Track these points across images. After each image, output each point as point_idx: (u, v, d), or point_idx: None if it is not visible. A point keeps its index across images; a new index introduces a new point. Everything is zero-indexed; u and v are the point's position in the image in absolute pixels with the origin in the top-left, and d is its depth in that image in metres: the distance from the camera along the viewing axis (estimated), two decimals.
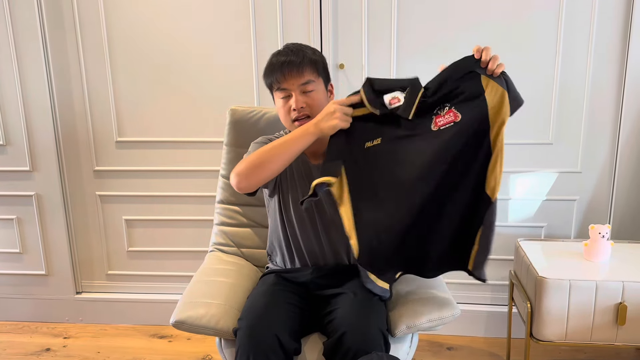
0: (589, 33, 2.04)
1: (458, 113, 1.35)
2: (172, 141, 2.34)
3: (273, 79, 1.48)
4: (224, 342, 1.50)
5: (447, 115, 1.35)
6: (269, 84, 1.52)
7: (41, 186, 2.42)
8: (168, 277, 2.52)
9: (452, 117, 1.35)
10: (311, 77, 1.47)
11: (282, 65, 1.46)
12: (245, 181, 1.41)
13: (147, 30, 2.23)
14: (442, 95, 1.35)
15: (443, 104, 1.36)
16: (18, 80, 2.29)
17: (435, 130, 1.36)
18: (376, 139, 1.38)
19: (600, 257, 1.87)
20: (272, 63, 1.49)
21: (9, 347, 2.38)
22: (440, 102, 1.36)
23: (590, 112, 2.11)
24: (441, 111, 1.36)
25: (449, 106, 1.35)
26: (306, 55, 1.48)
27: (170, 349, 2.34)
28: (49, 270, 2.53)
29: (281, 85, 1.47)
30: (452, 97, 1.35)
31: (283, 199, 1.58)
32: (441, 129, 1.35)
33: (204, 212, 2.38)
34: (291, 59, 1.46)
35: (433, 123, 1.36)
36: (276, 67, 1.47)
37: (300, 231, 1.58)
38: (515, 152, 2.17)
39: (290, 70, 1.45)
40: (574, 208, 2.21)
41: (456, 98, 1.35)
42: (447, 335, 2.37)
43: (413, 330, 1.43)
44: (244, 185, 1.42)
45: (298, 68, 1.45)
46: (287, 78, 1.45)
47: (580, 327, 1.74)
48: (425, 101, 1.35)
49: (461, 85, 1.34)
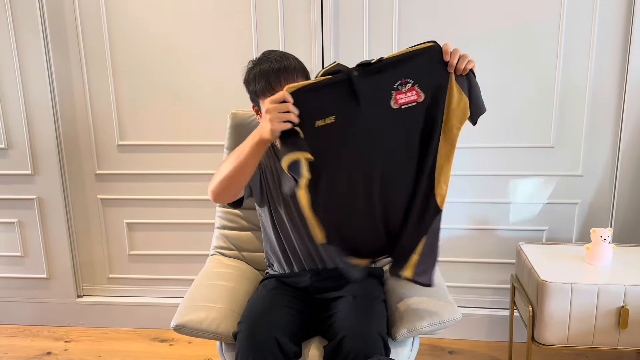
0: (590, 37, 2.04)
1: (421, 93, 1.28)
2: (174, 145, 2.34)
3: (266, 85, 1.45)
4: (224, 345, 1.50)
5: (409, 93, 1.27)
6: (259, 90, 1.48)
7: (43, 190, 2.42)
8: (169, 281, 2.52)
9: (414, 95, 1.27)
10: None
11: (277, 71, 1.44)
12: (219, 197, 1.43)
13: (149, 35, 2.23)
14: (401, 66, 1.27)
15: (406, 78, 1.27)
16: (20, 84, 2.29)
17: (395, 108, 1.28)
18: (329, 117, 1.28)
19: (601, 261, 1.86)
20: (262, 70, 1.46)
21: (10, 351, 2.38)
22: (400, 75, 1.27)
23: (591, 116, 2.11)
24: (402, 87, 1.27)
25: (412, 83, 1.27)
26: (296, 61, 1.48)
27: (171, 353, 2.34)
28: (50, 273, 2.53)
29: (275, 91, 1.43)
30: (415, 75, 1.27)
31: (274, 207, 1.58)
32: (402, 107, 1.28)
33: (205, 215, 2.38)
34: (285, 64, 1.45)
35: (393, 99, 1.28)
36: (270, 73, 1.44)
37: (295, 236, 1.58)
38: (516, 156, 2.17)
39: (287, 76, 1.44)
40: (575, 211, 2.21)
41: (420, 77, 1.27)
42: (449, 339, 2.36)
43: (414, 333, 1.43)
44: (220, 200, 1.45)
45: (293, 74, 1.45)
46: (283, 84, 1.43)
47: (582, 331, 1.74)
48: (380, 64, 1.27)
49: (426, 67, 1.28)
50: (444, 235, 2.29)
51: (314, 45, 2.15)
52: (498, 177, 2.21)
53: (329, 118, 1.28)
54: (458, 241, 2.29)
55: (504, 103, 2.13)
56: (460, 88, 1.30)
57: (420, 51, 1.29)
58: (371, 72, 1.27)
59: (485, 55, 2.09)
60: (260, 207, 1.63)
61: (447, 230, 2.28)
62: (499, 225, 2.26)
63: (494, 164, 2.19)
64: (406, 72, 1.27)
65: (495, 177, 2.21)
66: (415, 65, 1.28)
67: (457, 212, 2.26)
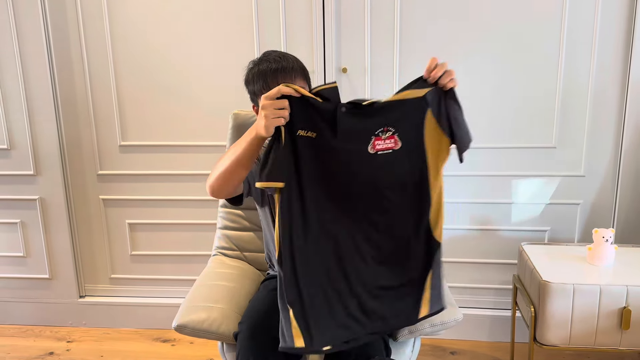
0: (592, 38, 2.04)
1: (399, 141, 1.27)
2: (175, 145, 2.34)
3: (263, 85, 1.45)
4: (226, 346, 1.50)
5: (387, 141, 1.26)
6: (256, 90, 1.48)
7: (45, 190, 2.42)
8: (171, 281, 2.52)
9: (392, 143, 1.27)
10: (302, 84, 1.47)
11: (275, 72, 1.44)
12: (217, 193, 1.42)
13: (151, 36, 2.24)
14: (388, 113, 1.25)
15: (388, 126, 1.26)
16: (22, 85, 2.30)
17: (372, 153, 1.26)
18: (311, 131, 1.25)
19: (604, 261, 1.86)
20: (260, 70, 1.46)
21: (12, 351, 2.38)
22: (384, 121, 1.25)
23: (593, 116, 2.11)
24: (383, 134, 1.26)
25: (392, 131, 1.26)
26: (295, 62, 1.47)
27: (173, 353, 2.34)
28: (53, 274, 2.54)
29: None
30: (398, 123, 1.26)
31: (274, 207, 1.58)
32: (378, 153, 1.27)
33: (207, 216, 2.38)
34: (283, 65, 1.44)
35: (371, 144, 1.26)
36: (268, 73, 1.44)
37: None
38: (518, 156, 2.17)
39: (284, 76, 1.44)
40: (577, 212, 2.20)
41: (402, 125, 1.27)
42: (451, 339, 2.36)
43: (415, 334, 1.43)
44: (218, 195, 1.43)
45: (291, 74, 1.45)
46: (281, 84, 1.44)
47: (584, 332, 1.73)
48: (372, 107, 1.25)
49: (411, 114, 1.27)
50: (445, 235, 2.28)
51: (316, 46, 2.15)
52: (500, 177, 2.20)
53: (311, 132, 1.26)
54: (460, 241, 2.29)
55: (505, 103, 2.12)
56: (440, 128, 1.29)
57: (411, 100, 1.27)
58: (358, 114, 1.26)
59: (487, 55, 2.09)
60: (261, 207, 1.63)
61: (449, 230, 2.28)
62: (501, 225, 2.26)
63: (495, 164, 2.19)
64: (392, 120, 1.26)
65: (497, 177, 2.20)
66: (401, 112, 1.27)
67: (459, 212, 2.26)
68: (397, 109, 1.26)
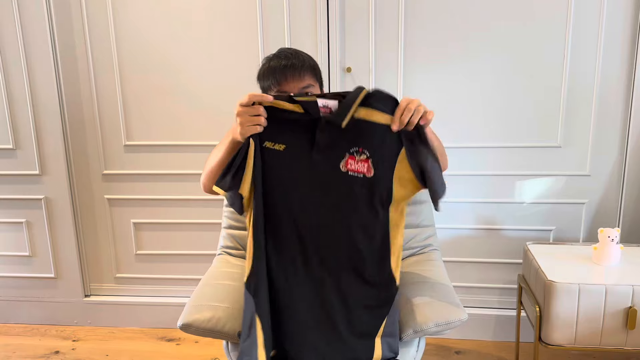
0: (597, 36, 2.03)
1: (372, 169, 1.26)
2: (180, 145, 2.35)
3: (273, 81, 1.46)
4: (230, 345, 1.50)
5: (360, 164, 1.26)
6: (266, 87, 1.50)
7: (50, 190, 2.43)
8: (176, 280, 2.53)
9: (364, 168, 1.26)
10: (311, 82, 1.47)
11: (284, 68, 1.44)
12: (209, 190, 1.45)
13: (155, 36, 2.24)
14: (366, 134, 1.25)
15: (364, 148, 1.26)
16: (28, 85, 2.31)
17: (343, 171, 1.27)
18: (279, 144, 1.27)
19: (609, 261, 1.85)
20: (271, 66, 1.47)
21: (18, 350, 2.39)
22: (361, 143, 1.26)
23: (598, 115, 2.10)
24: (357, 155, 1.26)
25: (367, 155, 1.26)
26: (306, 60, 1.48)
27: (178, 352, 2.34)
28: (58, 273, 2.54)
29: (281, 88, 1.45)
30: (374, 150, 1.26)
31: None
32: (349, 174, 1.27)
33: (212, 215, 2.39)
34: (293, 62, 1.45)
35: (344, 162, 1.27)
36: (277, 70, 1.45)
37: None
38: (523, 156, 2.16)
39: (293, 73, 1.44)
40: (582, 211, 2.20)
41: (377, 154, 1.26)
42: (455, 339, 2.36)
43: (420, 334, 1.42)
44: (211, 193, 1.47)
45: (300, 72, 1.45)
46: (289, 81, 1.44)
47: (589, 332, 1.73)
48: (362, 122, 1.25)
49: (387, 145, 1.26)
50: (450, 235, 2.28)
51: (320, 46, 2.15)
52: (505, 176, 2.20)
53: (279, 145, 1.28)
54: (465, 241, 2.29)
55: (510, 102, 2.12)
56: (413, 172, 1.28)
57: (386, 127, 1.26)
58: (336, 130, 1.26)
59: (492, 54, 2.09)
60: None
61: (454, 230, 2.28)
62: (506, 225, 2.25)
63: (500, 163, 2.18)
64: (368, 144, 1.27)
65: (502, 176, 2.20)
66: (379, 139, 1.26)
67: (463, 212, 2.25)
68: (375, 135, 1.26)
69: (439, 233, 2.18)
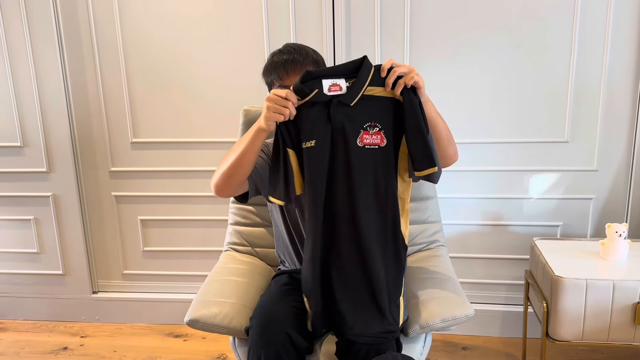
0: (604, 29, 2.02)
1: (385, 139, 1.32)
2: (187, 142, 2.35)
3: (275, 76, 1.47)
4: (237, 341, 1.50)
5: (375, 136, 1.32)
6: (269, 82, 1.51)
7: (58, 187, 2.45)
8: (183, 277, 2.54)
9: (378, 139, 1.32)
10: None
11: (285, 63, 1.45)
12: (222, 191, 1.44)
13: (161, 34, 2.25)
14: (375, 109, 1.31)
15: (375, 122, 1.31)
16: (35, 83, 2.32)
17: (360, 146, 1.32)
18: (310, 140, 1.32)
19: (617, 256, 1.84)
20: (274, 61, 1.48)
21: (27, 346, 2.41)
22: (372, 117, 1.31)
23: (606, 110, 2.09)
24: (370, 129, 1.32)
25: (379, 127, 1.31)
26: (309, 54, 1.48)
27: (185, 348, 2.36)
28: (66, 270, 2.56)
29: (283, 82, 1.46)
30: (384, 122, 1.32)
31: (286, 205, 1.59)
32: (366, 147, 1.32)
33: (218, 212, 2.39)
34: (294, 57, 1.46)
35: (360, 138, 1.32)
36: (279, 65, 1.46)
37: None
38: (530, 151, 2.16)
39: (294, 67, 1.45)
40: (590, 207, 2.19)
41: (388, 125, 1.32)
42: (462, 335, 2.36)
43: (426, 330, 1.42)
44: (222, 193, 1.45)
45: (301, 66, 1.45)
46: (290, 75, 1.45)
47: (597, 327, 1.72)
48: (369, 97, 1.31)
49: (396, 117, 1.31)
50: (457, 230, 2.28)
51: (326, 44, 2.15)
52: (511, 172, 2.19)
53: (310, 142, 1.32)
54: (471, 237, 2.28)
55: (517, 97, 2.11)
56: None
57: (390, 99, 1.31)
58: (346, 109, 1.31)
59: (499, 49, 2.08)
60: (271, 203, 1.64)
61: (461, 226, 2.27)
62: (513, 220, 2.25)
63: (507, 159, 2.17)
64: (378, 117, 1.31)
65: (509, 172, 2.19)
66: (384, 110, 1.32)
67: (470, 207, 2.25)
68: (382, 107, 1.31)
69: (446, 229, 2.18)
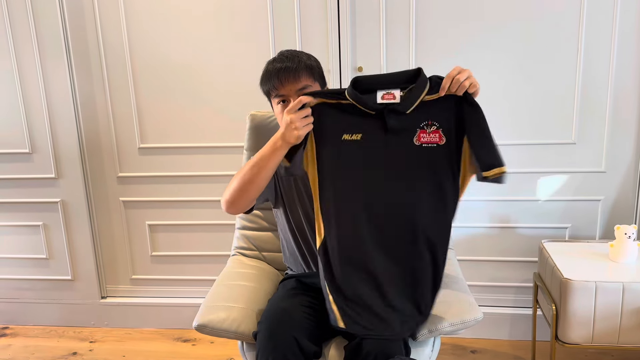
0: (611, 31, 2.01)
1: (444, 137, 1.33)
2: (194, 147, 2.36)
3: (270, 86, 1.48)
4: (245, 345, 1.51)
5: (432, 135, 1.33)
6: (266, 91, 1.52)
7: (66, 193, 2.46)
8: (191, 281, 2.54)
9: (436, 138, 1.33)
10: (308, 83, 1.46)
11: (278, 72, 1.45)
12: (234, 208, 1.45)
13: (167, 39, 2.25)
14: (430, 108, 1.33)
15: (432, 120, 1.33)
16: (43, 90, 2.34)
17: (417, 144, 1.34)
18: (356, 133, 1.35)
19: (626, 258, 1.83)
20: (268, 70, 1.48)
21: (37, 351, 2.42)
22: (428, 116, 1.33)
23: (613, 111, 2.08)
24: (428, 128, 1.34)
25: (437, 126, 1.33)
26: (302, 61, 1.47)
27: (193, 353, 2.36)
28: (75, 275, 2.57)
29: (279, 91, 1.46)
30: (441, 119, 1.33)
31: (289, 207, 1.59)
32: (423, 145, 1.34)
33: (225, 216, 2.39)
34: (287, 65, 1.45)
35: (416, 137, 1.34)
36: (272, 74, 1.46)
37: (312, 235, 1.58)
38: (538, 153, 2.15)
39: (287, 76, 1.44)
40: (598, 208, 2.18)
41: (445, 123, 1.33)
42: (471, 338, 2.35)
43: (435, 334, 1.42)
44: (234, 211, 1.46)
45: (294, 74, 1.45)
46: (285, 84, 1.45)
47: (607, 330, 1.71)
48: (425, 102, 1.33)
49: (454, 114, 1.33)
50: (465, 233, 2.27)
51: (331, 45, 2.15)
52: (519, 174, 2.18)
53: (356, 135, 1.35)
54: (480, 240, 2.28)
55: (524, 99, 2.10)
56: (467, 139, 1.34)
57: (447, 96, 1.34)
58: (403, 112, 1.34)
59: (505, 51, 2.07)
60: (276, 209, 1.64)
61: (469, 228, 2.26)
62: (521, 223, 2.24)
63: (515, 161, 2.17)
64: (434, 115, 1.34)
65: (517, 174, 2.18)
66: (443, 109, 1.34)
67: (478, 210, 2.24)
68: (440, 107, 1.33)
69: (454, 232, 2.16)
